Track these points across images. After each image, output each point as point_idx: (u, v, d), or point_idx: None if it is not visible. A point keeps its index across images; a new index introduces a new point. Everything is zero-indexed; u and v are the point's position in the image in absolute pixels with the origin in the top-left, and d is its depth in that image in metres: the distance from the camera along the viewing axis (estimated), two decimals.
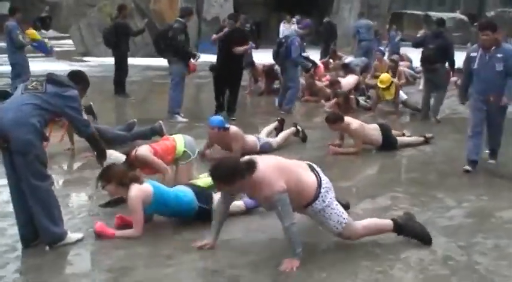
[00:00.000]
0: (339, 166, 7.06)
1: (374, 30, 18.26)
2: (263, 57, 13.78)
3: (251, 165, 4.04)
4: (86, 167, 6.71)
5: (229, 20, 9.63)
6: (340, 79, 12.30)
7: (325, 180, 4.33)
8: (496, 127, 6.97)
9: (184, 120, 9.65)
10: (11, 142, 4.13)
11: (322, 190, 4.23)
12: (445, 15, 34.70)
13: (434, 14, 34.01)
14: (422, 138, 8.23)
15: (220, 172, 4.04)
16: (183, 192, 4.93)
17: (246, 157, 4.25)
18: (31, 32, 11.03)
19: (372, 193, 5.93)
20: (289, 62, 10.56)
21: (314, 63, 13.33)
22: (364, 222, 4.48)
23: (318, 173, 4.35)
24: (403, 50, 18.14)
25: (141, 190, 4.68)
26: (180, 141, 5.99)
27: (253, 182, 4.02)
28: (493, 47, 6.61)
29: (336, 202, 4.35)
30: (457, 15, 34.59)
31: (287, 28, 20.06)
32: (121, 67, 12.21)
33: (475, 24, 34.55)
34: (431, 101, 10.08)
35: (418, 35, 12.93)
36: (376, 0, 25.14)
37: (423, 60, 9.96)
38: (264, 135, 7.86)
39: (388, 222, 4.53)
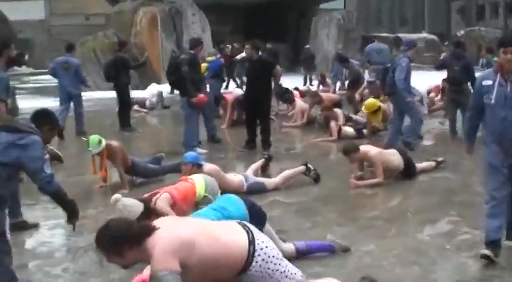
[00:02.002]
0: (375, 195, 7.01)
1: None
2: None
3: (147, 229, 3.22)
4: None
5: (252, 49, 9.45)
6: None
7: (261, 238, 3.55)
8: None
9: (204, 151, 9.31)
10: None
11: (257, 247, 3.43)
12: (414, 36, 35.45)
13: (404, 36, 34.59)
14: (434, 163, 7.95)
15: (105, 237, 3.18)
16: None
17: (158, 220, 3.43)
18: None
19: (429, 218, 5.90)
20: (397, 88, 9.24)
21: (288, 91, 13.32)
22: None
23: (251, 230, 3.54)
24: None
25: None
26: (199, 184, 5.39)
27: (146, 250, 3.20)
28: None
29: (286, 262, 3.58)
30: (427, 35, 35.27)
31: None
32: (123, 101, 12.09)
33: (446, 43, 35.46)
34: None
35: (441, 58, 13.17)
36: (351, 24, 25.50)
37: (451, 81, 10.04)
38: (250, 173, 7.21)
39: None
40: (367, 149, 7.32)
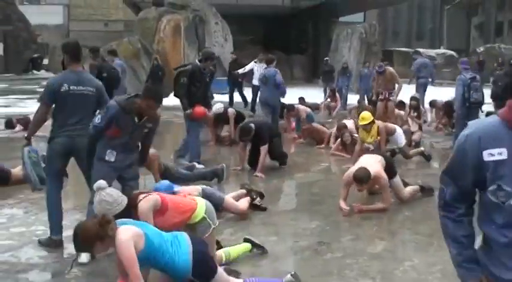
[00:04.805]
0: (412, 210, 6.99)
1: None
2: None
3: None
4: None
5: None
6: (347, 122, 11.34)
7: None
8: None
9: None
10: None
11: None
12: (434, 51, 35.56)
13: (424, 51, 34.75)
14: (417, 187, 7.44)
15: None
16: (182, 254, 3.93)
17: None
18: None
19: None
20: None
21: (286, 107, 12.21)
22: None
23: None
24: None
25: (129, 230, 3.74)
26: (201, 203, 4.84)
27: None
28: None
29: None
30: (447, 51, 35.30)
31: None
32: None
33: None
34: None
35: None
36: (373, 38, 25.50)
37: (493, 97, 10.05)
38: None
39: None
40: (378, 173, 6.71)
